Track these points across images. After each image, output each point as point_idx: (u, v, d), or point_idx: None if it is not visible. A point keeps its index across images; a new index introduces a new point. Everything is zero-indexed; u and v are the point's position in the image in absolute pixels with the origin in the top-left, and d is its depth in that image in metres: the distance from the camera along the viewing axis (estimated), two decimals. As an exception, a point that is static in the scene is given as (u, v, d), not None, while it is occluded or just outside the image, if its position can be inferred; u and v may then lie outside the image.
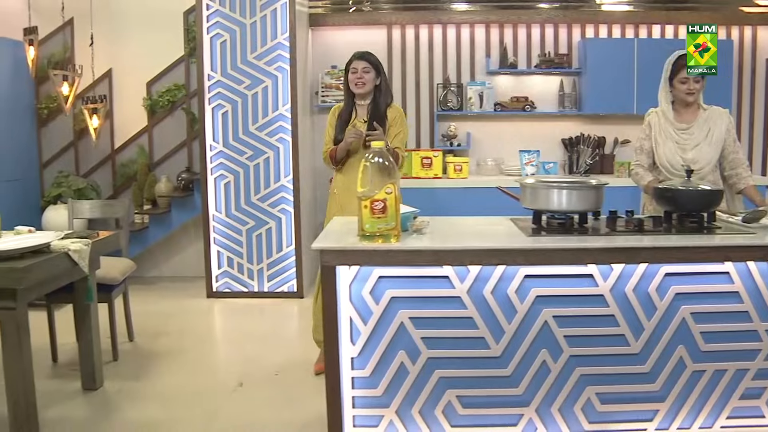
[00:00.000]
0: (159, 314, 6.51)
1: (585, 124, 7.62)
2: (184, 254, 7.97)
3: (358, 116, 4.97)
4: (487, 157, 7.53)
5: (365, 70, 4.90)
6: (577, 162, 7.42)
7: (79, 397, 4.67)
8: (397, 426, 3.52)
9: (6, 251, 3.90)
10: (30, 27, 7.10)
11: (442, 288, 3.42)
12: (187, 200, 7.49)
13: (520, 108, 7.47)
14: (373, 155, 3.36)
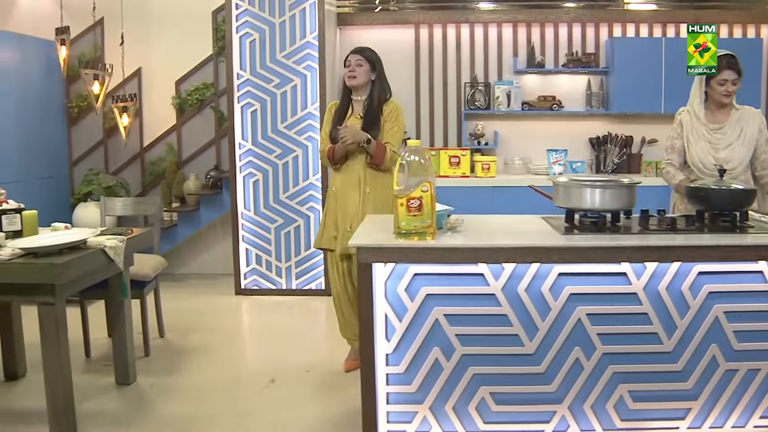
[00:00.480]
0: (188, 311, 6.58)
1: (612, 123, 7.62)
2: (212, 252, 8.03)
3: (354, 112, 4.91)
4: (514, 156, 7.54)
5: (358, 63, 4.85)
6: (605, 161, 7.43)
7: (113, 392, 4.74)
8: (431, 422, 3.55)
9: (44, 247, 3.97)
10: (62, 27, 7.18)
11: (476, 285, 3.44)
12: (215, 198, 7.55)
13: (548, 107, 7.48)
14: (409, 153, 3.39)
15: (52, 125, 7.76)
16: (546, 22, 7.56)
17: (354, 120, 4.83)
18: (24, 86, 7.26)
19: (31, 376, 5.00)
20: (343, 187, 4.85)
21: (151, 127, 8.00)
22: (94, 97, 7.29)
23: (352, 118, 4.86)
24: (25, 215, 4.49)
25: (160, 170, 7.95)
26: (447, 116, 7.71)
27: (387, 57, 7.52)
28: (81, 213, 7.34)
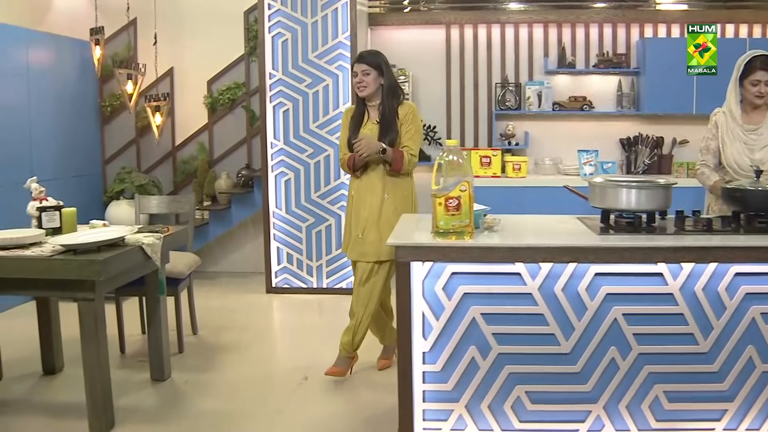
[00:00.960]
0: (220, 309, 6.64)
1: (643, 124, 7.59)
2: (242, 250, 8.09)
3: (371, 118, 4.81)
4: (544, 156, 7.54)
5: (365, 73, 4.69)
6: (635, 162, 7.41)
7: (148, 387, 4.80)
8: (466, 420, 3.58)
9: (85, 244, 4.03)
10: (96, 27, 7.27)
11: (513, 285, 3.46)
12: (246, 197, 7.61)
13: (578, 108, 7.47)
14: (447, 153, 3.41)
15: (85, 124, 7.86)
16: (577, 22, 7.55)
17: (371, 126, 4.76)
18: (59, 86, 7.36)
19: (68, 370, 5.09)
20: (361, 193, 4.79)
21: (182, 126, 8.07)
22: (128, 96, 7.37)
23: (368, 124, 4.78)
24: (65, 213, 4.56)
25: (192, 169, 8.02)
26: (478, 116, 7.72)
27: (418, 57, 7.65)
28: (114, 211, 7.41)
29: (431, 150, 7.65)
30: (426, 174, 7.63)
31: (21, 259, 3.96)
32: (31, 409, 4.50)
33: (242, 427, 4.23)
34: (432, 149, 7.66)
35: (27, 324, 5.67)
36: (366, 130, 4.74)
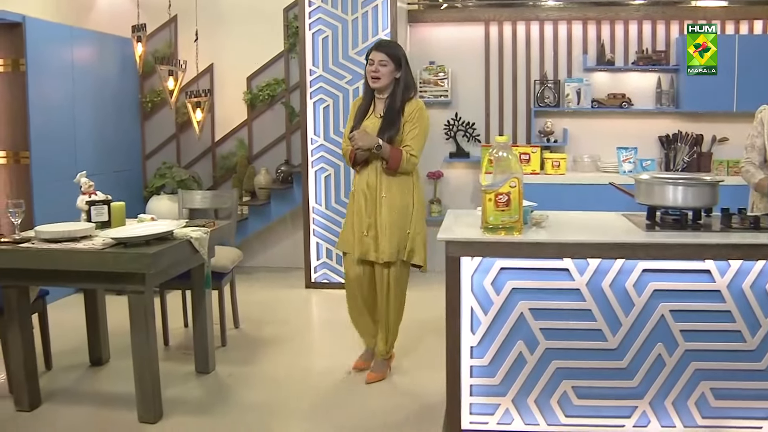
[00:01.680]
0: (260, 303, 6.70)
1: (682, 121, 7.55)
2: (281, 245, 8.15)
3: (376, 110, 4.67)
4: (583, 153, 7.53)
5: (382, 63, 4.52)
6: (674, 160, 7.38)
7: (193, 380, 4.87)
8: (513, 414, 3.61)
9: (135, 237, 4.10)
10: (138, 24, 7.34)
11: (561, 280, 3.50)
12: (286, 192, 7.66)
13: (617, 105, 7.46)
14: (497, 149, 3.44)
15: (126, 120, 7.97)
16: (616, 19, 7.53)
17: (374, 119, 4.63)
18: (101, 82, 7.47)
19: (114, 362, 5.18)
20: (360, 190, 4.69)
21: (222, 122, 8.15)
22: (169, 92, 7.44)
23: (372, 117, 4.65)
24: (114, 207, 4.64)
25: (231, 164, 8.09)
26: (516, 113, 7.72)
27: (457, 54, 7.67)
28: (154, 205, 7.49)
29: (470, 147, 7.68)
30: (463, 171, 7.73)
31: (73, 252, 4.04)
32: (81, 399, 4.58)
33: (287, 420, 4.28)
34: (471, 146, 7.68)
35: (72, 316, 5.80)
36: (368, 123, 4.63)
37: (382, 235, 4.58)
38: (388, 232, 4.57)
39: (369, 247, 4.63)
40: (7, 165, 6.70)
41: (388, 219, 4.56)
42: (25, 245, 4.16)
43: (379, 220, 4.59)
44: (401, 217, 4.58)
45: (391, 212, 4.56)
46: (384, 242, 4.57)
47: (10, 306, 4.27)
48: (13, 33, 6.51)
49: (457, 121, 7.66)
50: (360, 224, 4.66)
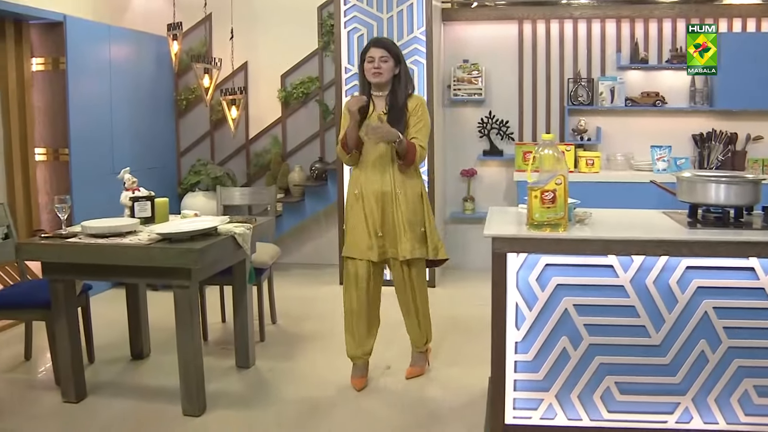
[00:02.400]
0: (296, 299, 6.76)
1: (716, 120, 7.53)
2: (315, 242, 8.22)
3: (377, 109, 4.55)
4: (616, 151, 7.53)
5: (383, 59, 4.45)
6: (708, 158, 7.37)
7: (234, 374, 4.94)
8: (556, 410, 3.64)
9: (181, 233, 4.16)
10: (174, 23, 7.43)
11: (606, 277, 3.52)
12: (320, 189, 7.72)
13: (651, 103, 7.45)
14: (543, 147, 3.48)
15: (161, 117, 8.07)
16: (650, 17, 7.51)
17: (377, 117, 4.51)
18: (137, 80, 7.57)
19: (155, 356, 5.26)
20: (370, 192, 4.53)
21: (256, 120, 8.23)
22: (204, 90, 7.52)
23: (374, 116, 4.53)
24: (158, 202, 4.72)
25: (265, 162, 8.16)
26: (549, 111, 7.73)
27: (491, 52, 7.70)
28: (189, 202, 7.57)
29: (503, 145, 7.70)
30: (496, 169, 7.76)
31: (120, 247, 4.12)
32: (125, 392, 4.66)
33: (329, 414, 4.34)
34: (504, 144, 7.71)
35: (110, 310, 5.90)
36: (371, 121, 4.51)
37: (402, 234, 4.51)
38: (409, 230, 4.51)
39: (385, 247, 4.57)
40: (46, 162, 6.82)
41: (406, 216, 4.51)
42: (72, 240, 4.24)
43: (397, 219, 4.51)
44: (416, 213, 4.55)
45: (407, 209, 4.51)
46: (405, 240, 4.51)
47: (57, 300, 4.35)
48: (54, 32, 6.64)
49: (491, 119, 7.69)
50: (374, 226, 4.53)
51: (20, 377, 4.95)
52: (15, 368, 5.07)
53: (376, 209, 4.52)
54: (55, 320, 4.40)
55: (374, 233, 4.52)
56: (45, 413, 4.34)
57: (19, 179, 6.57)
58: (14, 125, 6.52)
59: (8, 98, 6.47)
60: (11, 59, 6.47)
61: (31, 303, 4.70)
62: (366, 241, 4.54)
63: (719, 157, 7.31)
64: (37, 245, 4.29)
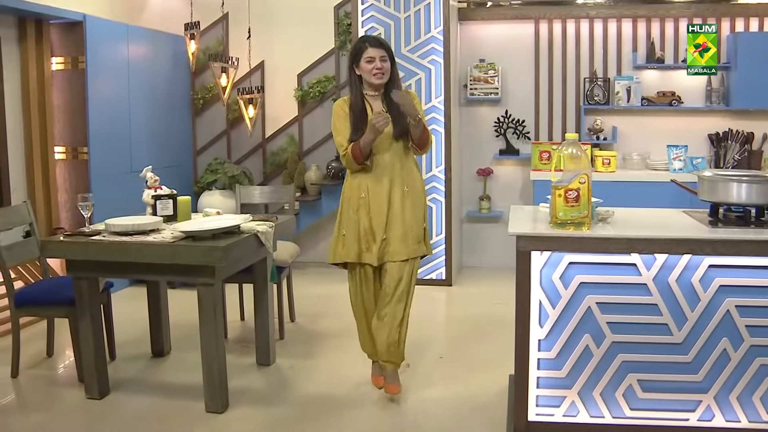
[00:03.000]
0: (313, 297, 6.79)
1: (732, 119, 7.54)
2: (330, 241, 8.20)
3: (375, 109, 4.36)
4: (632, 151, 7.54)
5: (383, 59, 4.31)
6: (724, 157, 7.38)
7: (255, 372, 4.98)
8: (578, 407, 3.67)
9: (205, 231, 4.20)
10: (192, 22, 7.47)
11: (629, 275, 3.55)
12: (337, 188, 7.73)
13: (667, 103, 7.46)
14: (566, 146, 3.50)
15: (178, 116, 8.11)
16: (666, 17, 7.52)
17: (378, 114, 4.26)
18: (155, 79, 7.62)
19: (175, 353, 5.30)
20: (380, 193, 4.34)
21: (272, 119, 8.25)
22: (222, 89, 7.57)
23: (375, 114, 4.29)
24: (180, 201, 4.76)
25: (281, 160, 8.20)
26: (566, 111, 7.76)
27: (507, 52, 7.72)
28: (206, 201, 7.60)
29: (519, 144, 7.73)
30: (512, 168, 7.79)
31: (145, 245, 4.16)
32: (147, 389, 4.71)
33: (354, 411, 4.37)
34: (520, 143, 7.73)
35: (128, 308, 5.95)
36: None
37: (409, 232, 4.34)
38: (415, 227, 4.38)
39: (386, 249, 4.34)
40: (65, 160, 6.87)
41: (413, 213, 4.38)
42: (97, 238, 4.28)
43: (405, 217, 4.34)
44: (421, 209, 4.44)
45: (414, 205, 4.39)
46: (411, 238, 4.34)
47: (81, 297, 4.40)
48: (74, 31, 6.68)
49: (507, 119, 7.72)
50: (379, 227, 4.33)
51: (43, 373, 5.00)
52: (38, 365, 5.12)
53: (383, 211, 4.33)
54: (79, 317, 4.45)
55: (379, 237, 4.33)
56: (70, 409, 4.40)
57: (39, 177, 6.62)
58: (34, 124, 6.57)
59: (29, 97, 6.52)
60: (32, 58, 6.52)
61: (55, 300, 4.77)
62: (370, 245, 4.35)
63: (735, 157, 7.32)
64: (62, 243, 4.34)
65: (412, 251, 4.36)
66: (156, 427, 4.15)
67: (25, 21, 6.43)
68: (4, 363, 5.00)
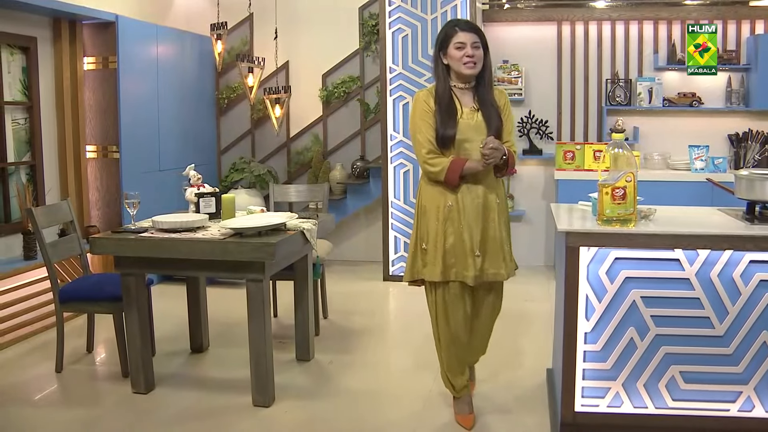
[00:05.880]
0: (343, 294, 6.89)
1: (752, 120, 7.64)
2: (355, 239, 8.35)
3: (464, 104, 3.90)
4: (653, 151, 7.65)
5: (475, 45, 3.80)
6: (744, 158, 7.49)
7: (296, 367, 5.08)
8: (622, 398, 3.77)
9: (252, 228, 4.30)
10: (218, 23, 7.58)
11: (672, 270, 3.65)
12: (362, 187, 7.86)
13: (687, 103, 7.57)
14: (613, 146, 3.61)
15: (203, 116, 8.23)
16: (687, 19, 7.62)
17: (470, 114, 3.89)
18: (182, 79, 7.75)
19: (214, 349, 5.41)
20: (471, 203, 3.90)
21: (297, 118, 8.38)
22: (248, 88, 7.68)
23: (466, 113, 3.90)
24: (225, 198, 4.85)
25: (305, 160, 8.32)
26: (588, 112, 7.87)
27: (530, 53, 7.83)
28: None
29: (542, 144, 7.84)
30: (535, 167, 7.90)
31: (195, 242, 4.26)
32: (191, 384, 4.83)
33: (398, 405, 4.48)
34: (543, 143, 7.85)
35: (164, 304, 6.03)
36: (466, 119, 3.89)
37: (503, 251, 3.96)
38: (508, 246, 4.03)
39: (483, 268, 3.92)
40: (96, 159, 6.96)
41: (505, 230, 4.02)
42: (146, 235, 4.39)
43: (497, 234, 3.93)
44: (508, 225, 4.09)
45: (505, 222, 4.03)
46: (508, 258, 3.99)
47: (129, 293, 4.50)
48: (106, 31, 6.78)
49: (531, 119, 7.83)
50: (472, 243, 3.87)
51: (86, 368, 5.10)
52: (79, 360, 5.22)
53: (475, 225, 3.87)
54: (126, 313, 4.55)
55: (472, 252, 3.87)
56: (118, 404, 4.49)
57: (71, 176, 6.72)
58: (68, 123, 6.67)
59: (63, 97, 6.62)
60: (66, 58, 6.63)
61: (99, 296, 4.88)
62: (463, 261, 3.88)
63: (756, 157, 7.43)
64: (112, 240, 4.41)
65: (511, 270, 4.02)
66: (206, 421, 4.24)
67: (59, 21, 6.53)
68: (48, 358, 5.13)
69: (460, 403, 4.16)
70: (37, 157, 6.35)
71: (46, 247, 4.88)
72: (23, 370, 5.02)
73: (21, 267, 5.77)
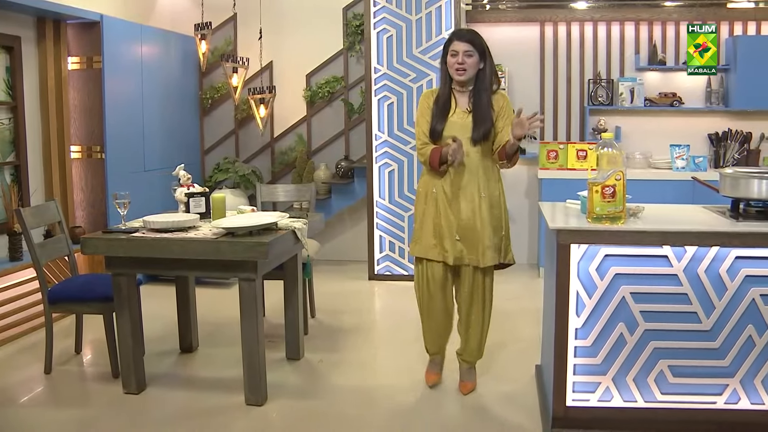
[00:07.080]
0: (329, 294, 6.91)
1: (732, 119, 7.75)
2: (340, 239, 8.39)
3: (459, 105, 4.32)
4: (635, 150, 7.74)
5: (467, 54, 4.19)
6: (724, 157, 7.59)
7: (286, 366, 5.10)
8: (612, 392, 3.84)
9: (244, 227, 4.32)
10: (202, 23, 7.59)
11: (660, 266, 3.72)
12: (347, 187, 7.90)
13: (668, 103, 7.67)
14: (603, 145, 3.68)
15: (187, 116, 8.24)
16: (668, 20, 7.72)
17: (461, 115, 4.30)
18: (166, 79, 7.75)
19: (203, 349, 5.42)
20: (449, 191, 4.32)
21: (281, 118, 8.40)
22: (233, 89, 7.70)
23: (457, 113, 4.32)
24: (215, 198, 4.85)
25: (290, 160, 8.34)
26: (570, 111, 7.95)
27: (513, 53, 7.90)
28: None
29: (525, 144, 7.90)
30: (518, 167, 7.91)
31: (187, 241, 4.27)
32: (182, 383, 4.84)
33: (394, 400, 4.52)
34: (526, 143, 7.91)
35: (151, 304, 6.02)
36: (455, 119, 4.30)
37: (484, 238, 4.29)
38: (492, 234, 4.31)
39: (463, 251, 4.33)
40: (81, 159, 6.95)
41: (489, 220, 4.30)
42: (137, 235, 4.39)
43: (479, 222, 4.28)
44: (497, 216, 4.34)
45: (491, 211, 4.31)
46: (487, 245, 4.29)
47: (120, 293, 4.50)
48: (91, 31, 6.77)
49: (513, 119, 7.88)
50: (449, 228, 4.31)
51: (75, 369, 5.10)
52: (68, 361, 5.21)
53: (453, 212, 4.31)
54: (118, 313, 4.55)
55: (450, 236, 4.31)
56: (110, 404, 4.48)
57: (56, 176, 6.71)
58: (52, 124, 6.66)
59: (47, 97, 6.61)
60: (50, 58, 6.61)
61: (89, 297, 4.87)
62: (446, 243, 4.33)
63: (735, 156, 7.53)
64: (103, 240, 4.39)
65: (490, 259, 4.31)
66: (199, 420, 4.25)
67: (44, 21, 6.52)
68: (37, 359, 5.13)
69: (431, 363, 4.75)
70: (21, 157, 6.34)
71: (35, 248, 4.87)
72: (12, 372, 5.01)
73: (7, 268, 5.75)
